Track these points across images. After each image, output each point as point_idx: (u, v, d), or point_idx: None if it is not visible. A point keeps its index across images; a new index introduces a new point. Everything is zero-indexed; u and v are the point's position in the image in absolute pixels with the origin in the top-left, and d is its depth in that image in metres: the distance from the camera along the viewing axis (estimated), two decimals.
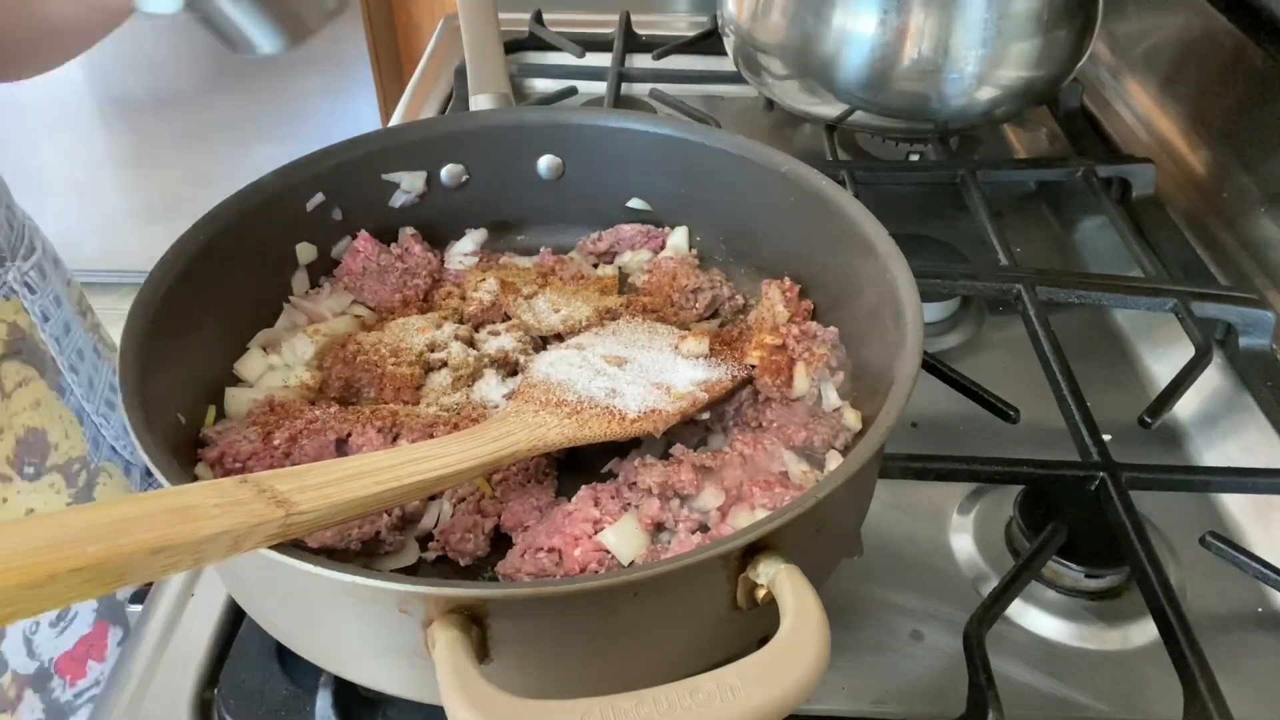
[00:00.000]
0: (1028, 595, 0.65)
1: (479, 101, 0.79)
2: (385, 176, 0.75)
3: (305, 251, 0.72)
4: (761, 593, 0.45)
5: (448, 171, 0.77)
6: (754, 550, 0.45)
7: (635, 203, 0.79)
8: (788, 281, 0.71)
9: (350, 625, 0.47)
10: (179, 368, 0.59)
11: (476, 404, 0.65)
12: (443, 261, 0.78)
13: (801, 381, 0.64)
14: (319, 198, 0.72)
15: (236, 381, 0.66)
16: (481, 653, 0.43)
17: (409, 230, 0.77)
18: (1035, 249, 1.01)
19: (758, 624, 0.48)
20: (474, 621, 0.43)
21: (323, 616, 0.48)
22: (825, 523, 0.51)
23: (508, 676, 0.44)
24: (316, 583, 0.45)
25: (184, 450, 0.59)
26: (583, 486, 0.59)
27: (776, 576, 0.44)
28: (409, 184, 0.76)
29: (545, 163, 0.79)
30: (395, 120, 1.21)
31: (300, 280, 0.73)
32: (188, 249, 0.62)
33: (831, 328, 0.67)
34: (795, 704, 0.40)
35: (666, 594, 0.46)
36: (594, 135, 0.77)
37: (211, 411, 0.63)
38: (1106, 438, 0.72)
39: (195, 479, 0.57)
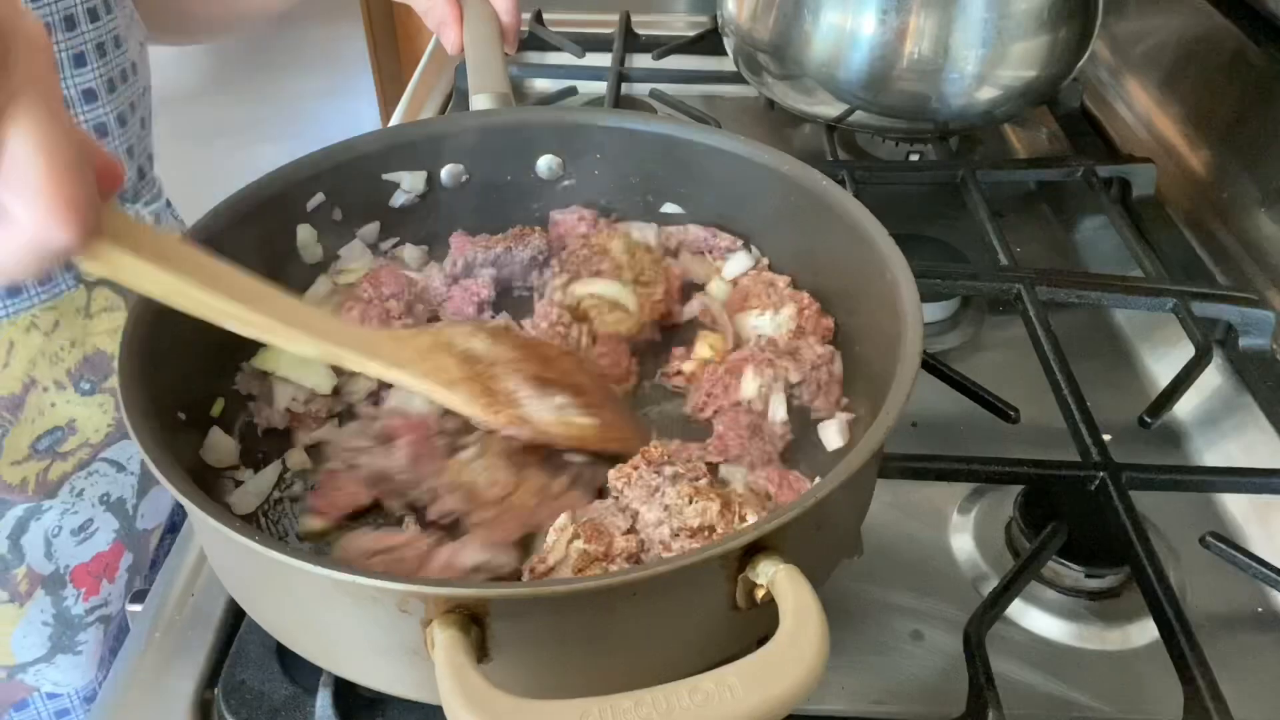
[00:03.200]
0: (1028, 595, 0.65)
1: (479, 101, 0.79)
2: (385, 176, 0.75)
3: (305, 233, 0.73)
4: (761, 593, 0.45)
5: (448, 171, 0.77)
6: (753, 550, 0.45)
7: (669, 208, 0.79)
8: (806, 298, 0.70)
9: (349, 624, 0.47)
10: (179, 367, 0.59)
11: None
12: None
13: (749, 385, 0.64)
14: (319, 198, 0.72)
15: (233, 383, 0.66)
16: (481, 652, 0.43)
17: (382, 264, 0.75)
18: (1035, 249, 1.01)
19: (757, 624, 0.47)
20: (473, 621, 0.42)
21: (322, 616, 0.48)
22: (825, 522, 0.51)
23: (507, 676, 0.44)
24: (316, 582, 0.45)
25: (184, 448, 0.59)
26: None
27: (776, 576, 0.44)
28: (409, 184, 0.76)
29: (545, 163, 0.79)
30: (395, 120, 1.21)
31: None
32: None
33: (827, 346, 0.67)
34: (795, 704, 0.39)
35: (666, 594, 0.45)
36: (594, 135, 0.77)
37: (219, 404, 0.64)
38: (1106, 438, 0.72)
39: (194, 478, 0.58)
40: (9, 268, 0.38)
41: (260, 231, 0.68)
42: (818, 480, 0.48)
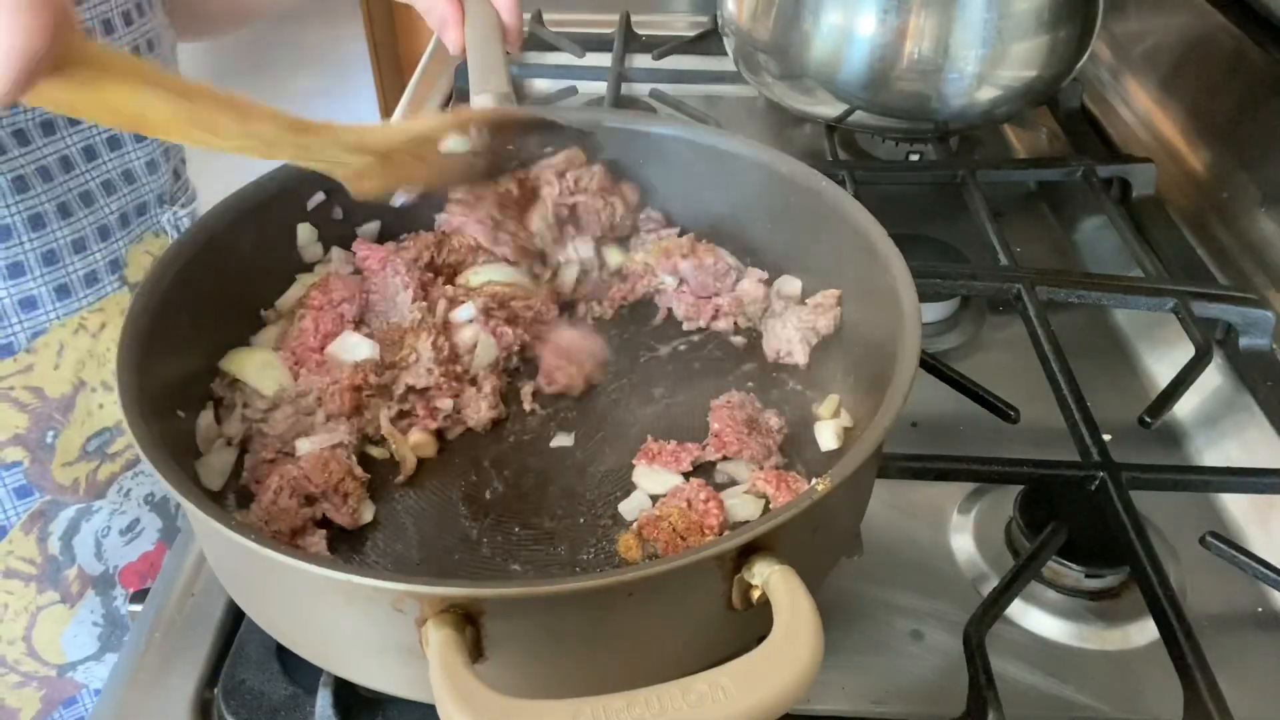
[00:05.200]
0: (1028, 595, 0.65)
1: (481, 101, 0.79)
2: None
3: (305, 232, 0.73)
4: (757, 594, 0.45)
5: None
6: (749, 551, 0.45)
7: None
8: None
9: (346, 623, 0.47)
10: (178, 365, 0.59)
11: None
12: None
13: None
14: (319, 196, 0.72)
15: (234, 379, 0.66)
16: (476, 652, 0.43)
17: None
18: (1035, 249, 1.01)
19: (754, 625, 0.47)
20: (468, 620, 0.43)
21: (319, 614, 0.48)
22: (822, 523, 0.51)
23: (503, 675, 0.44)
24: (312, 581, 0.45)
25: (183, 446, 0.59)
26: None
27: (770, 577, 0.44)
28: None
29: None
30: (395, 120, 1.21)
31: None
32: (188, 247, 0.62)
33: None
34: (787, 705, 0.39)
35: (661, 594, 0.45)
36: (595, 135, 0.77)
37: (208, 414, 0.64)
38: (1106, 438, 0.72)
39: (192, 472, 0.58)
40: None
41: (261, 230, 0.68)
42: (814, 481, 0.48)
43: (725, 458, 0.63)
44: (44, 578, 0.82)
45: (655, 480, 0.62)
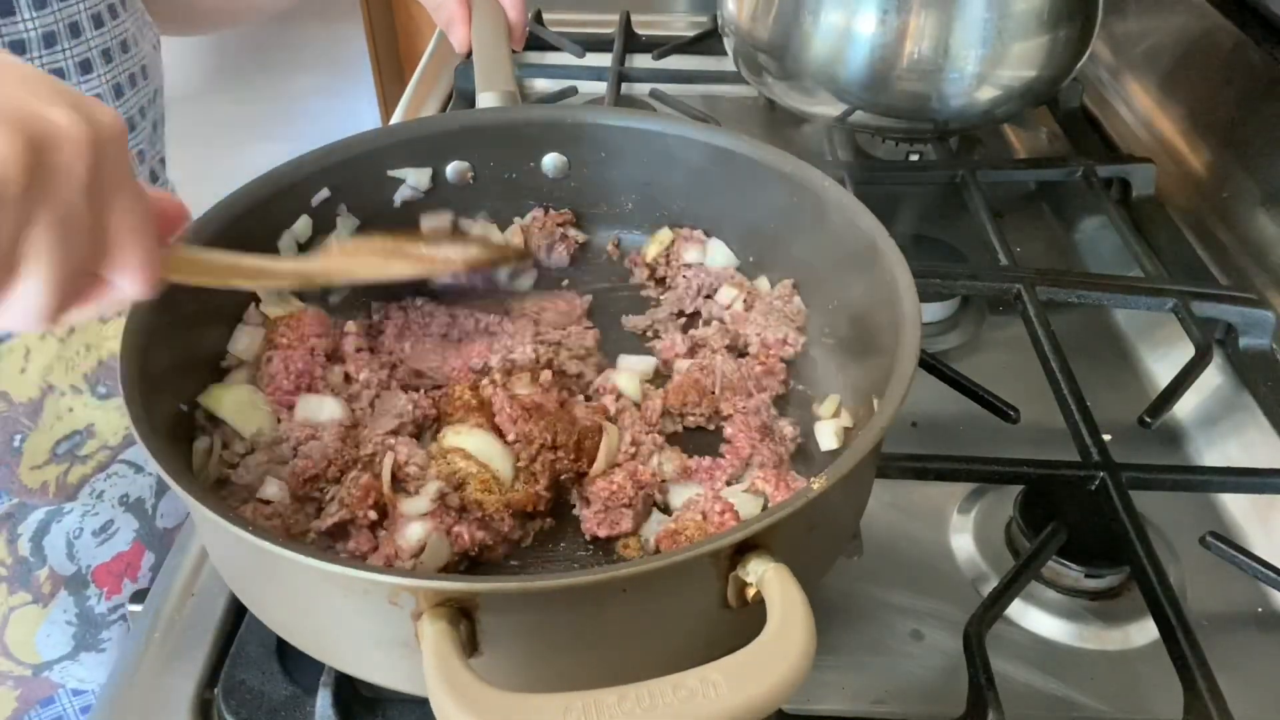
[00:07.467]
0: (1028, 595, 0.65)
1: (486, 99, 0.79)
2: (391, 173, 0.75)
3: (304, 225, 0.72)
4: (752, 591, 0.45)
5: (453, 168, 0.77)
6: (744, 549, 0.45)
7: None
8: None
9: (344, 617, 0.47)
10: (181, 359, 0.60)
11: None
12: None
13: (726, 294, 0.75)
14: (324, 193, 0.72)
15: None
16: (471, 646, 0.43)
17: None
18: (1035, 249, 1.01)
19: (750, 623, 0.47)
20: (463, 615, 0.43)
21: (318, 608, 0.48)
22: (819, 522, 0.51)
23: (498, 670, 0.44)
24: (309, 574, 0.45)
25: (184, 440, 0.59)
26: None
27: (765, 575, 0.44)
28: (414, 180, 0.76)
29: (550, 161, 0.79)
30: (395, 120, 1.21)
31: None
32: (193, 241, 0.62)
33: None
34: (778, 702, 0.39)
35: (656, 591, 0.45)
36: (599, 133, 0.77)
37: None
38: (1106, 438, 0.72)
39: (191, 466, 0.58)
40: (90, 318, 0.45)
41: (266, 225, 0.68)
42: (811, 479, 0.48)
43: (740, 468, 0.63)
44: (15, 579, 0.82)
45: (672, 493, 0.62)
